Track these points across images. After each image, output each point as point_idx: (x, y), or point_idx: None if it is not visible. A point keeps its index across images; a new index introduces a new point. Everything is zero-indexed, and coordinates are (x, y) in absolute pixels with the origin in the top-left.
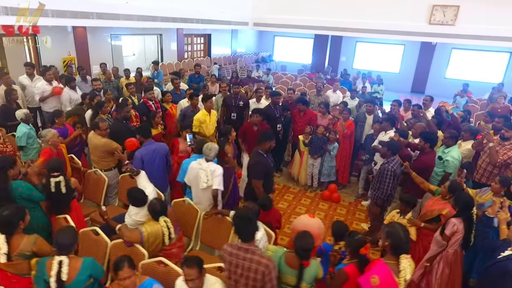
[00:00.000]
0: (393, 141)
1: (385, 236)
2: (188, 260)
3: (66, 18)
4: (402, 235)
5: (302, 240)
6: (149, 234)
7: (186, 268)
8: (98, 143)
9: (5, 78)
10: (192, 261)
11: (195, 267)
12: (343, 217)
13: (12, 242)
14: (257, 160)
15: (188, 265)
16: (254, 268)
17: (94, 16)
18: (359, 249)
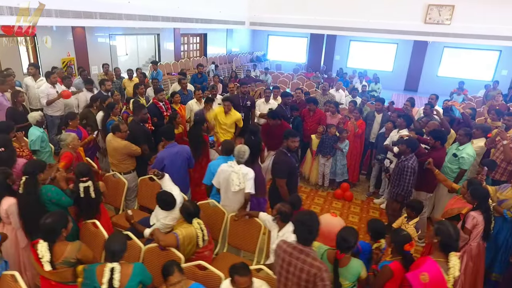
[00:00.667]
0: (412, 138)
1: (434, 233)
2: (239, 269)
3: (69, 18)
4: (452, 232)
5: (347, 231)
6: (184, 237)
7: (240, 277)
8: (119, 146)
9: (8, 80)
10: (244, 269)
11: (248, 274)
12: (357, 215)
13: (56, 250)
14: (281, 158)
15: (241, 274)
16: (306, 270)
17: (97, 16)
18: (404, 246)
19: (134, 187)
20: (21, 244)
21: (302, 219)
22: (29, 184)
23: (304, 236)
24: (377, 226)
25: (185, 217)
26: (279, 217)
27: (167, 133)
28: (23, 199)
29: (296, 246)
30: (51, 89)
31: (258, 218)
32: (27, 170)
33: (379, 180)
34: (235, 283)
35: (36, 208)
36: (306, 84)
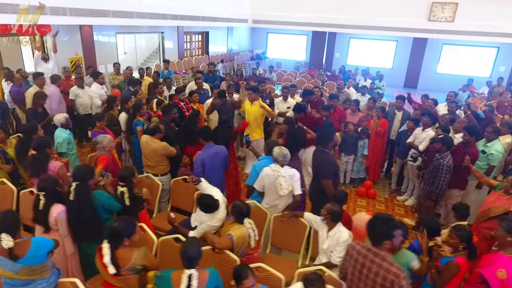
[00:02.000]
0: (447, 136)
1: (505, 231)
2: (315, 280)
3: (83, 17)
4: None
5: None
6: (238, 238)
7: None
8: (158, 147)
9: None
10: (319, 280)
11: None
12: (384, 213)
13: (122, 256)
14: (326, 159)
15: (317, 286)
16: (382, 275)
17: (109, 14)
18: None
19: (168, 189)
20: (68, 251)
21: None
22: (81, 191)
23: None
24: (433, 224)
25: (237, 217)
26: (330, 217)
27: (205, 134)
28: (74, 206)
29: (371, 249)
30: (101, 90)
31: (303, 219)
32: (77, 176)
33: (401, 177)
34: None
35: (89, 215)
36: (311, 82)
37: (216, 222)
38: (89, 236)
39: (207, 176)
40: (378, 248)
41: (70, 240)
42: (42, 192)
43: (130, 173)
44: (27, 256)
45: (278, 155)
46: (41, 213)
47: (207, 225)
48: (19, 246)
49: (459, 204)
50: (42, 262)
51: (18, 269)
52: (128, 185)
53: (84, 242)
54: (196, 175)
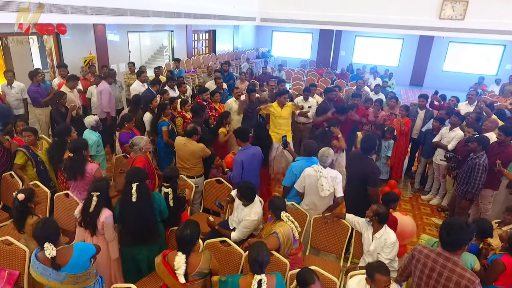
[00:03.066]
0: (483, 136)
1: None
2: (381, 268)
3: (101, 16)
4: None
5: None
6: (283, 235)
7: (383, 276)
8: (197, 149)
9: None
10: (386, 268)
11: (389, 275)
12: (410, 213)
13: (190, 261)
14: (374, 166)
15: (383, 273)
16: (455, 280)
17: (127, 13)
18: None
19: (201, 190)
20: (113, 256)
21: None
22: (143, 191)
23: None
24: (485, 226)
25: (275, 212)
26: (376, 219)
27: (243, 135)
28: (137, 207)
29: (442, 253)
30: (142, 87)
31: (345, 220)
32: (134, 178)
33: (425, 176)
34: (376, 281)
35: (152, 216)
36: (321, 80)
37: (254, 215)
38: (149, 238)
39: (246, 177)
40: (450, 253)
41: (115, 245)
42: (96, 192)
43: (175, 174)
44: (70, 264)
45: (322, 155)
46: (91, 216)
47: (246, 221)
48: (61, 253)
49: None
50: (86, 269)
51: (62, 278)
52: (172, 186)
53: (136, 246)
54: (235, 176)
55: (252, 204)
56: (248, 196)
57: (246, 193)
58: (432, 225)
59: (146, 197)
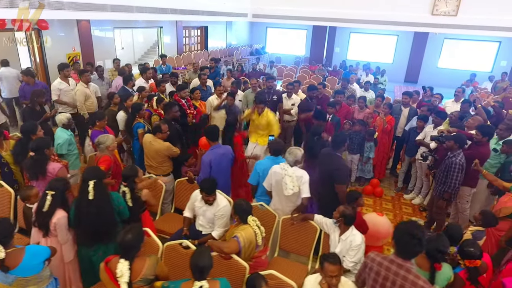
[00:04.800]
0: (460, 134)
1: None
2: (331, 257)
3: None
4: None
5: (439, 242)
6: (244, 239)
7: (330, 265)
8: (161, 148)
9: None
10: (335, 257)
11: (338, 264)
12: (391, 212)
13: (134, 267)
14: (342, 163)
15: (332, 262)
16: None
17: (108, 9)
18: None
19: (171, 189)
20: (67, 259)
21: (412, 231)
22: (101, 189)
23: (414, 250)
24: (453, 232)
25: (240, 216)
26: (343, 220)
27: (212, 134)
28: (93, 206)
29: (394, 260)
30: (145, 84)
31: (313, 221)
32: (91, 176)
33: (407, 175)
34: (325, 270)
35: (110, 215)
36: (312, 77)
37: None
38: (106, 238)
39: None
40: (403, 260)
41: (70, 247)
42: (51, 191)
43: (133, 173)
44: (20, 266)
45: (289, 154)
46: (44, 216)
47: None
48: (11, 256)
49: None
50: (38, 272)
51: (11, 280)
52: (130, 185)
53: (91, 248)
54: (203, 176)
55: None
56: (209, 189)
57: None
58: None
59: (103, 195)
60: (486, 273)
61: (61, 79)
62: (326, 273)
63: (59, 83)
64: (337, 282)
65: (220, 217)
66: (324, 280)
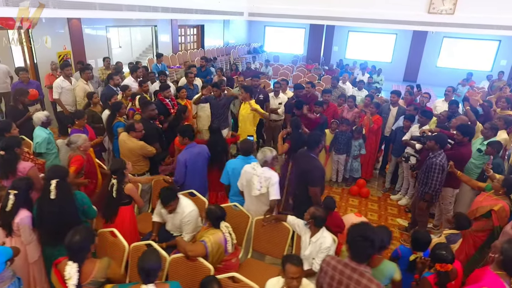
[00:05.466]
0: (441, 134)
1: (500, 252)
2: (292, 258)
3: (66, 9)
4: None
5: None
6: (212, 244)
7: (292, 266)
8: (135, 147)
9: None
10: (297, 258)
11: (300, 266)
12: (376, 213)
13: (83, 269)
14: (315, 164)
15: (293, 263)
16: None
17: (96, 7)
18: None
19: (148, 189)
20: (31, 259)
21: (364, 233)
22: (63, 188)
23: (366, 252)
24: (420, 237)
25: (213, 222)
26: (313, 222)
27: (188, 132)
28: (56, 205)
29: (348, 264)
30: (134, 83)
31: (286, 222)
32: (54, 175)
33: (395, 175)
34: (286, 272)
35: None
36: (308, 76)
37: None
38: None
39: (190, 177)
40: (357, 263)
41: (34, 247)
42: (14, 191)
43: (120, 166)
44: None
45: (260, 153)
46: (7, 215)
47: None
48: None
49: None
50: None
51: None
52: (119, 177)
53: (55, 248)
54: (178, 177)
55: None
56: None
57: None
58: (396, 227)
59: (66, 195)
60: (455, 280)
61: (63, 78)
62: (287, 275)
63: (61, 81)
64: (298, 284)
65: (186, 223)
66: (285, 282)
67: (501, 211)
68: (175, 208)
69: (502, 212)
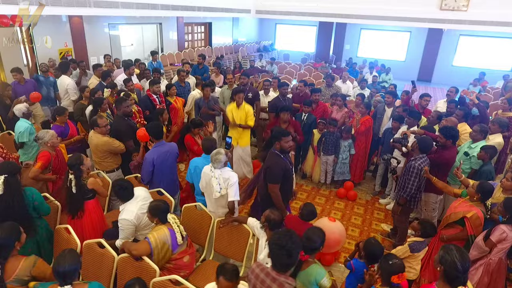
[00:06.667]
0: (426, 138)
1: (438, 261)
2: (226, 271)
3: (62, 7)
4: (459, 264)
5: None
6: (156, 239)
7: (224, 280)
8: (99, 142)
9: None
10: (232, 273)
11: (234, 280)
12: (361, 217)
13: (7, 267)
14: (274, 161)
15: (226, 277)
16: None
17: (91, 4)
18: (391, 276)
19: None
20: None
21: (280, 241)
22: (12, 184)
23: (282, 262)
24: (374, 249)
25: (159, 217)
26: (267, 225)
27: (155, 131)
28: (3, 200)
29: (270, 273)
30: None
31: (246, 224)
32: (2, 172)
33: (386, 178)
34: (219, 283)
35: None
36: (314, 75)
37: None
38: None
39: (158, 177)
40: (278, 273)
41: None
42: None
43: (77, 161)
44: None
45: (212, 156)
46: None
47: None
48: None
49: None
50: None
51: None
52: (76, 173)
53: None
54: (144, 176)
55: (127, 203)
56: (122, 195)
57: (119, 191)
58: (378, 232)
59: (13, 191)
60: None
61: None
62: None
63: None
64: None
65: (120, 225)
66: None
67: (475, 218)
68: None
69: (476, 220)
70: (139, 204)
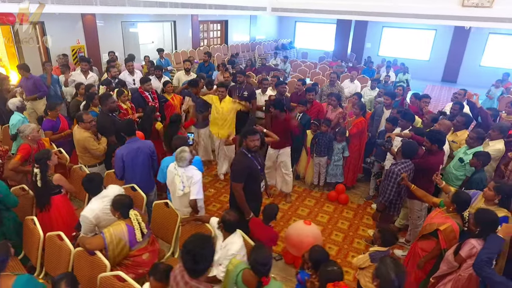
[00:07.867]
0: (411, 142)
1: (375, 275)
2: (156, 271)
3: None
4: (393, 277)
5: (259, 253)
6: (112, 235)
7: (154, 281)
8: (80, 137)
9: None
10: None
11: (164, 281)
12: (349, 221)
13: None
14: (238, 159)
15: (155, 277)
16: None
17: (97, 3)
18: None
19: None
20: None
21: (188, 246)
22: None
23: (188, 266)
24: (318, 256)
25: (121, 211)
26: (222, 226)
27: (126, 128)
28: None
29: (184, 276)
30: (129, 77)
31: (208, 224)
32: None
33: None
34: (150, 284)
35: None
36: (326, 74)
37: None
38: None
39: (129, 173)
40: (189, 277)
41: None
42: None
43: (44, 156)
44: None
45: (176, 154)
46: None
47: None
48: None
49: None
50: None
51: None
52: (42, 167)
53: None
54: (116, 172)
55: (94, 198)
56: (87, 187)
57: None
58: (363, 238)
59: None
60: None
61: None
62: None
63: (78, 74)
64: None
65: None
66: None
67: (449, 231)
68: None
69: (449, 233)
70: (103, 204)
